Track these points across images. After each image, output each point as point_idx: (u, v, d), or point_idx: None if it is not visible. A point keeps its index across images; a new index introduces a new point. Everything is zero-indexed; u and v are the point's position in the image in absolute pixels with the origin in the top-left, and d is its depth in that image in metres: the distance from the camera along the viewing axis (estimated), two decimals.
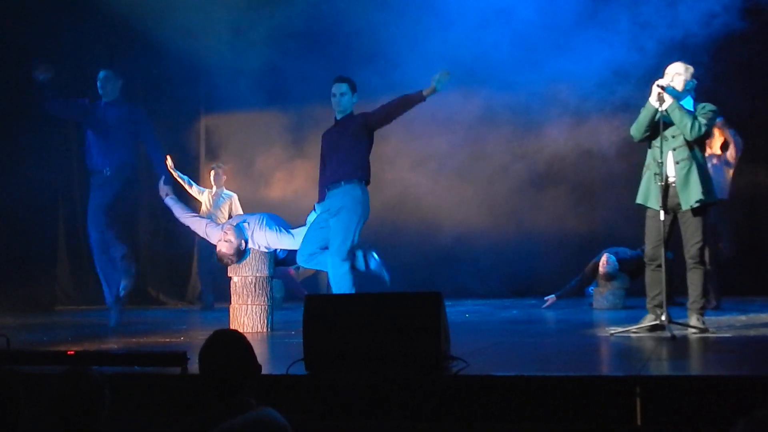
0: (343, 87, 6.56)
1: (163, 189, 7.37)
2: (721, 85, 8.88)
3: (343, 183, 6.43)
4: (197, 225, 7.33)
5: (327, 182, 6.56)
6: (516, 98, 9.97)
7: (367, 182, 6.51)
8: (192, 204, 10.00)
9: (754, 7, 7.35)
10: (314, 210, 6.74)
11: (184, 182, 9.77)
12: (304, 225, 6.83)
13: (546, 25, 8.83)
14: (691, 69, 6.03)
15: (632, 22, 7.81)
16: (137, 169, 7.73)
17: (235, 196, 10.19)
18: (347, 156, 6.48)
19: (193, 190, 9.92)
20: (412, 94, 6.43)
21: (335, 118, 6.68)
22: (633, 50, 7.73)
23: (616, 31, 7.88)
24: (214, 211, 9.95)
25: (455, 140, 10.27)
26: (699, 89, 6.14)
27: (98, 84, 7.54)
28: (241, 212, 9.96)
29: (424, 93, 6.35)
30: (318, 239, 6.50)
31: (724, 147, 8.42)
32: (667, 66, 6.07)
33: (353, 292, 6.28)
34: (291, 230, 6.92)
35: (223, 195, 10.11)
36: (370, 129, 6.56)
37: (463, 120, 10.14)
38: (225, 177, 10.19)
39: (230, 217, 9.90)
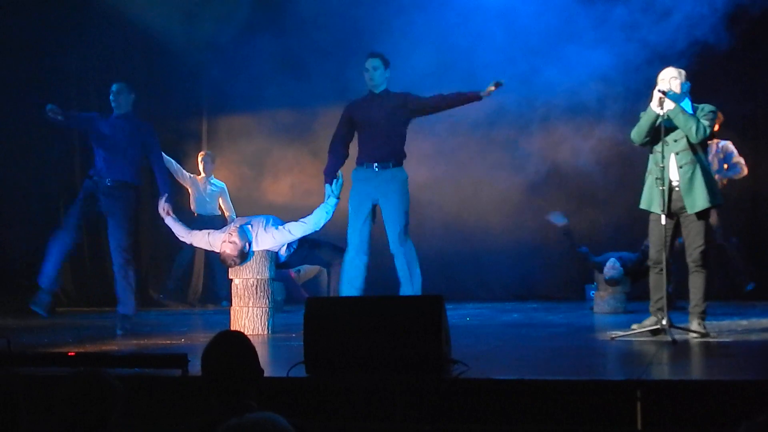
0: (376, 62, 6.81)
1: (164, 207, 7.31)
2: (719, 87, 8.90)
3: (391, 165, 6.74)
4: (199, 240, 7.32)
5: (366, 160, 6.75)
6: (517, 101, 9.96)
7: None
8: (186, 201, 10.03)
9: (736, 12, 7.38)
10: (329, 188, 6.84)
11: (172, 169, 9.72)
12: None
13: (547, 27, 8.84)
14: (683, 72, 6.06)
15: (634, 22, 7.82)
16: (140, 187, 7.58)
17: (224, 187, 10.18)
18: (390, 137, 6.75)
19: (183, 178, 9.88)
20: (467, 92, 6.74)
21: (370, 92, 6.87)
22: (632, 53, 7.75)
23: (616, 34, 7.89)
24: (203, 200, 9.93)
25: (456, 144, 10.27)
26: (695, 91, 6.16)
27: (111, 96, 7.43)
28: (231, 205, 10.04)
29: (482, 94, 6.69)
30: (363, 229, 6.78)
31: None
32: (659, 72, 6.09)
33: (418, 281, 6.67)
34: (300, 220, 6.96)
35: (212, 183, 10.10)
36: (410, 111, 6.79)
37: (464, 123, 10.13)
38: (214, 165, 10.19)
39: (221, 209, 9.97)
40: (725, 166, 8.32)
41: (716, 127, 8.28)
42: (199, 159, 10.17)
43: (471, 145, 10.37)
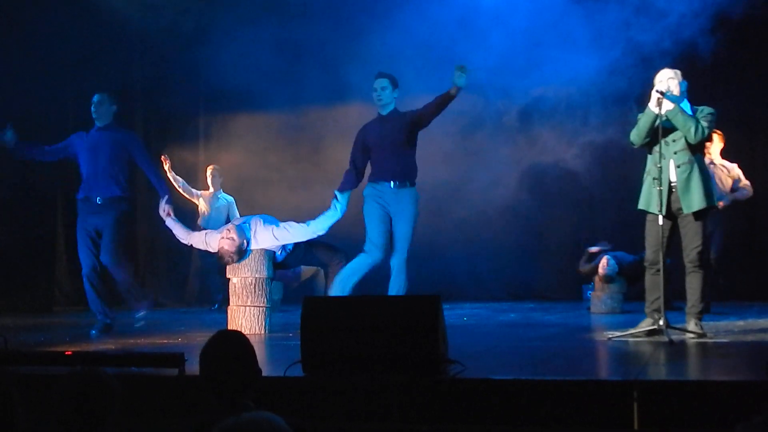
0: (384, 82, 6.80)
1: (165, 209, 7.30)
2: (718, 89, 8.92)
3: (408, 183, 6.75)
4: (198, 240, 7.31)
5: (379, 178, 6.75)
6: (514, 102, 9.98)
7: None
8: (188, 206, 10.03)
9: (723, 13, 7.41)
10: (335, 198, 6.86)
11: (179, 185, 9.75)
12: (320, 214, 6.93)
13: (543, 27, 8.84)
14: (679, 72, 6.07)
15: (627, 21, 7.83)
16: (131, 198, 7.51)
17: (233, 201, 10.18)
18: (403, 155, 6.77)
19: (190, 194, 9.91)
20: (441, 95, 6.63)
21: (379, 113, 6.87)
22: (629, 52, 7.75)
23: (612, 32, 7.90)
24: (213, 214, 9.95)
25: (454, 144, 10.26)
26: (695, 92, 6.16)
27: (92, 108, 7.37)
28: (237, 217, 10.00)
29: (451, 93, 6.56)
30: (385, 231, 6.77)
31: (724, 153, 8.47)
32: (656, 74, 6.09)
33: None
34: (303, 222, 6.97)
35: (220, 198, 10.10)
36: (419, 128, 6.81)
37: (461, 123, 10.14)
38: (222, 179, 10.19)
39: (228, 222, 9.94)
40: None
41: (720, 143, 8.33)
42: (208, 173, 10.17)
43: (467, 145, 10.37)
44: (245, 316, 6.89)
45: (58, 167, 10.50)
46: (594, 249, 9.11)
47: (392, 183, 6.73)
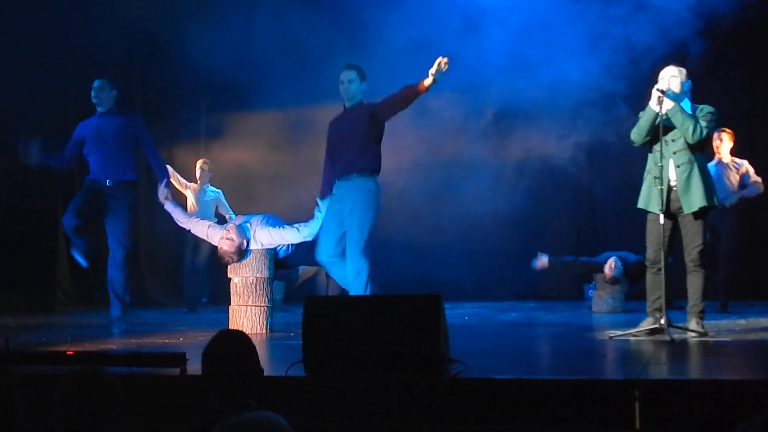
0: (352, 74, 6.59)
1: (163, 192, 7.31)
2: (719, 84, 8.91)
3: (355, 176, 6.44)
4: (199, 228, 7.33)
5: (338, 174, 6.55)
6: (515, 101, 9.96)
7: (378, 173, 6.54)
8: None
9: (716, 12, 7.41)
10: (317, 205, 6.79)
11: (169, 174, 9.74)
12: (309, 219, 6.88)
13: (541, 26, 8.84)
14: (684, 71, 6.05)
15: (625, 20, 7.83)
16: (138, 180, 7.52)
17: (221, 193, 10.16)
18: (360, 148, 6.49)
19: (179, 183, 9.88)
20: (413, 85, 6.37)
21: (344, 106, 6.69)
22: (629, 51, 7.75)
23: (612, 31, 7.90)
24: (200, 208, 9.94)
25: (455, 144, 10.27)
26: (696, 89, 6.16)
27: (92, 93, 7.36)
28: (229, 208, 10.01)
29: (425, 84, 6.29)
30: (336, 232, 6.51)
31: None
32: (661, 70, 6.08)
33: (367, 291, 6.31)
34: (294, 225, 6.96)
35: (208, 191, 10.09)
36: (380, 120, 6.55)
37: (462, 122, 10.14)
38: (211, 173, 10.17)
39: (218, 214, 9.95)
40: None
41: (729, 141, 8.34)
42: (197, 167, 10.14)
43: (466, 144, 10.36)
44: (247, 315, 6.89)
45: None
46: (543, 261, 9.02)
47: (342, 177, 6.50)
